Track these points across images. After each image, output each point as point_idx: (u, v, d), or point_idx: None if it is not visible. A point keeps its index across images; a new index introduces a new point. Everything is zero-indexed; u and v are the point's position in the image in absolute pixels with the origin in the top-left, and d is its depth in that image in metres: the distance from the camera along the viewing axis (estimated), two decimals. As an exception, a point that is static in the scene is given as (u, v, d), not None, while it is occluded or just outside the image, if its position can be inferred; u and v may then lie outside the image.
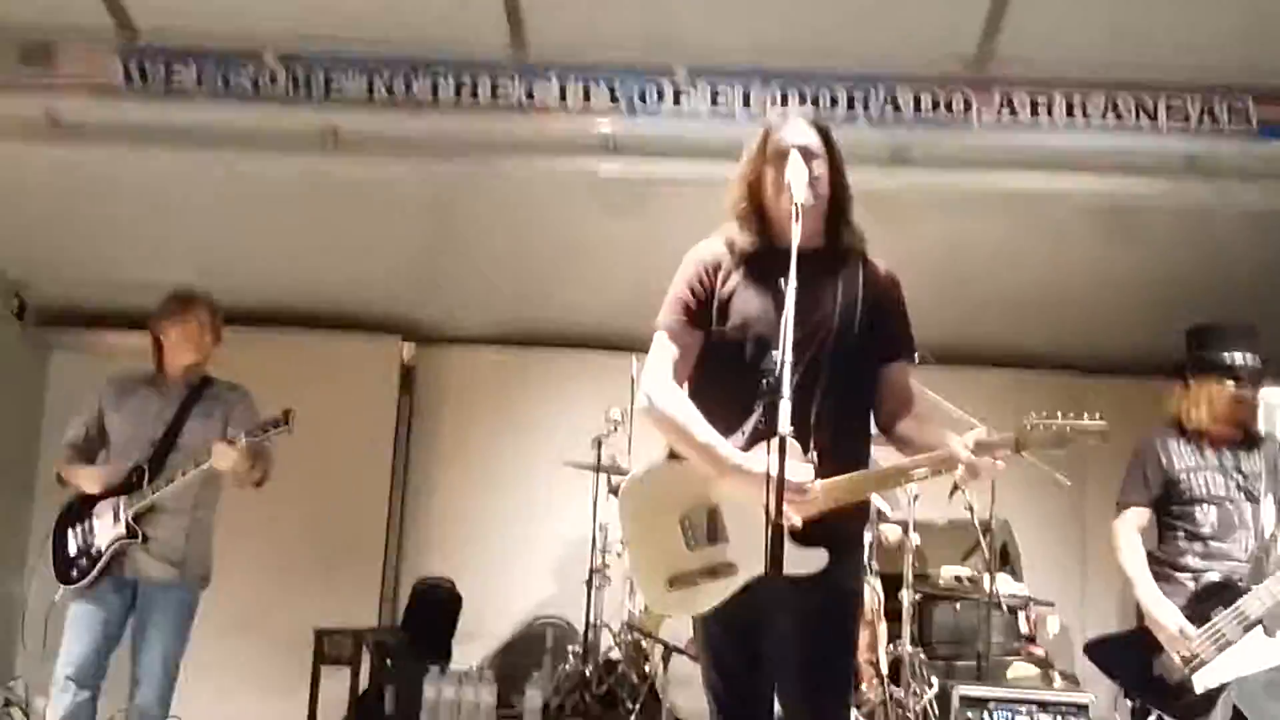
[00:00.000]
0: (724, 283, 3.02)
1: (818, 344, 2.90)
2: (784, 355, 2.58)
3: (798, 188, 2.84)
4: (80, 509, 4.59)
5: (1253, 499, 4.15)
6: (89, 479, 4.58)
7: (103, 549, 4.45)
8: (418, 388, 7.95)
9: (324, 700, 6.06)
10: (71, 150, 5.85)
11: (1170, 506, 4.23)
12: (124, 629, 4.52)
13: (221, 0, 5.52)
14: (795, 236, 2.75)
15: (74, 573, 4.48)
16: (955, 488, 5.53)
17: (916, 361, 3.15)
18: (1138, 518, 4.26)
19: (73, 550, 4.53)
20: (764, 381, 2.74)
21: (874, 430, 3.08)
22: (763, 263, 2.98)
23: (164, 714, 4.47)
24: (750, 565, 2.83)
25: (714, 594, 2.91)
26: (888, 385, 3.05)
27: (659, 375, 3.00)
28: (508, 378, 7.79)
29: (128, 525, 4.45)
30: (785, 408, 2.51)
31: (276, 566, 6.94)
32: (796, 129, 3.04)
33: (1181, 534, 4.19)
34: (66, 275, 7.23)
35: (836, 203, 3.05)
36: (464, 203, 6.42)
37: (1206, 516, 4.15)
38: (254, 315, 6.56)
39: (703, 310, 3.02)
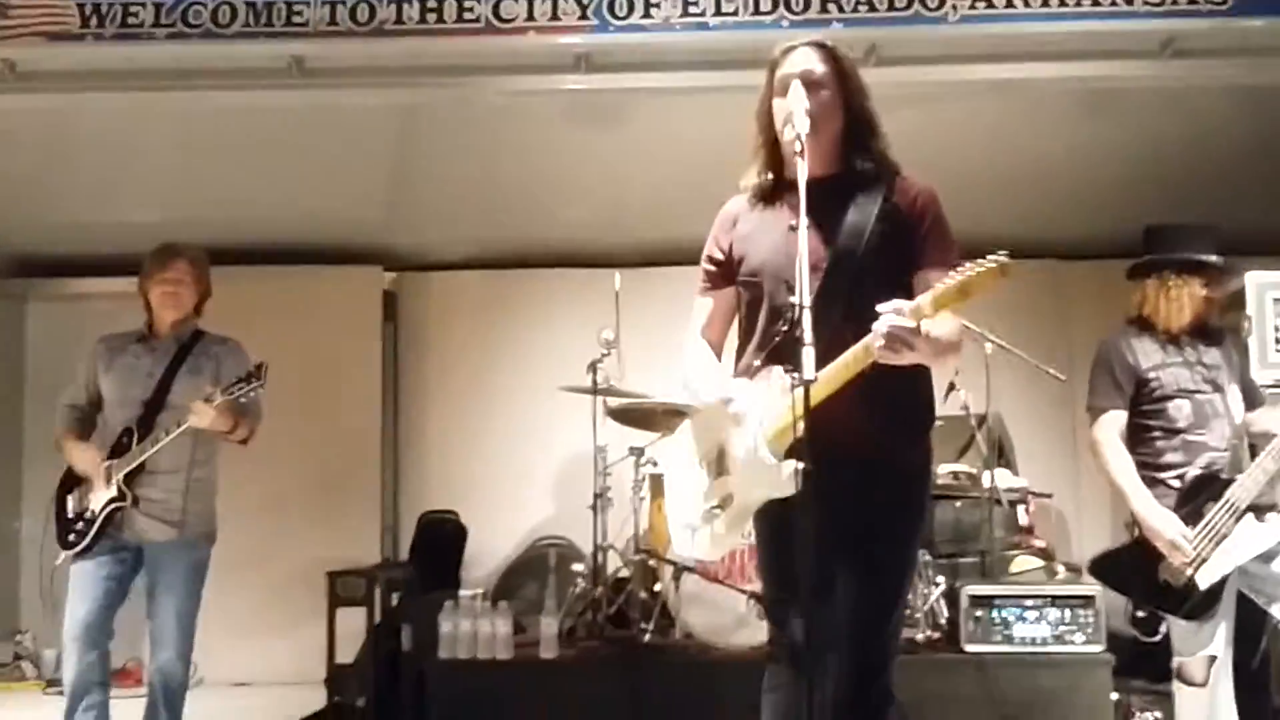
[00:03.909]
0: (737, 233, 3.08)
1: (831, 270, 2.87)
2: (801, 298, 2.56)
3: (798, 118, 2.79)
4: (77, 474, 4.59)
5: (1219, 389, 4.18)
6: (80, 460, 4.57)
7: (96, 513, 4.44)
8: (401, 317, 7.88)
9: (338, 637, 6.08)
10: (30, 98, 5.68)
11: (1142, 406, 4.22)
12: (127, 590, 4.52)
13: (176, -63, 5.35)
14: (802, 171, 2.72)
15: (71, 537, 4.47)
16: (951, 387, 5.55)
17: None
18: (1115, 421, 4.24)
19: (70, 514, 4.53)
20: (781, 320, 2.80)
21: None
22: (775, 200, 3.01)
23: (186, 670, 4.48)
24: (746, 492, 2.89)
25: (726, 528, 2.95)
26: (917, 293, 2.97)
27: (691, 332, 3.18)
28: (491, 300, 7.76)
29: (119, 488, 4.42)
30: (809, 355, 2.52)
31: (277, 506, 6.93)
32: (798, 57, 2.99)
33: (1158, 432, 4.19)
34: (35, 224, 7.11)
35: (851, 126, 3.00)
36: (436, 127, 6.30)
37: (1180, 411, 4.15)
38: (228, 253, 6.41)
39: (724, 267, 3.11)
